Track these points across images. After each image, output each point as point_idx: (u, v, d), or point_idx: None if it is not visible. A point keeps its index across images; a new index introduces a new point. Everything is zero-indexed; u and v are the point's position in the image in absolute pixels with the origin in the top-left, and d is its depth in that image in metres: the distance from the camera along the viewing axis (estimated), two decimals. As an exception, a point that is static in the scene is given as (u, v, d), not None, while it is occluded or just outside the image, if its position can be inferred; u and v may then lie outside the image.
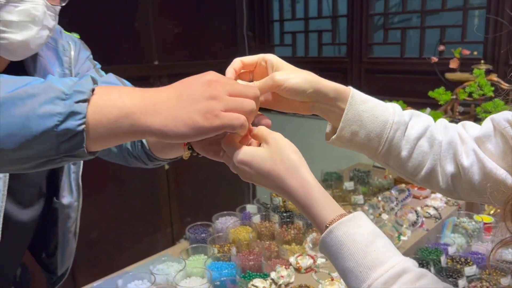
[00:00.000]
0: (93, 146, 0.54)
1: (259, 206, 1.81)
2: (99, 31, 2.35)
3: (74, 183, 1.12)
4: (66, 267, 1.24)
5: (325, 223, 0.56)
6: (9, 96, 0.50)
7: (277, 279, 1.22)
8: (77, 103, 0.51)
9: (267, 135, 0.63)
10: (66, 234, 1.16)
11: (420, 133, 0.71)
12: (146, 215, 2.71)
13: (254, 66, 0.73)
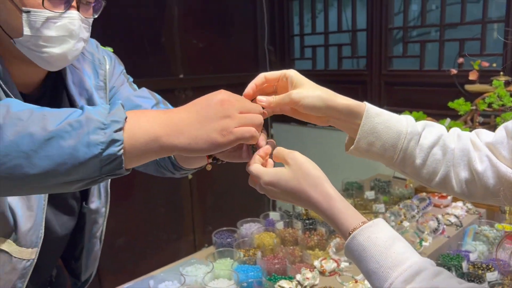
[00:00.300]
0: (129, 164, 0.63)
1: (281, 213, 1.86)
2: (128, 46, 2.46)
3: (103, 190, 1.16)
4: (90, 272, 1.27)
5: (348, 230, 0.62)
6: (57, 129, 0.59)
7: (303, 280, 1.26)
8: (116, 132, 0.60)
9: (286, 155, 0.70)
10: (92, 239, 1.20)
11: (433, 142, 0.76)
12: (170, 223, 2.79)
13: (276, 81, 0.80)
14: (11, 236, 0.89)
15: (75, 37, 0.88)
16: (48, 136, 0.59)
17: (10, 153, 0.58)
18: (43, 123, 0.59)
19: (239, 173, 3.48)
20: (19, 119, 0.60)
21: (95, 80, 1.07)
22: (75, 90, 1.02)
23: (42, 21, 0.82)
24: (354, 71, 2.87)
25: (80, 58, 1.04)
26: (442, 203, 1.78)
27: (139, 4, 2.48)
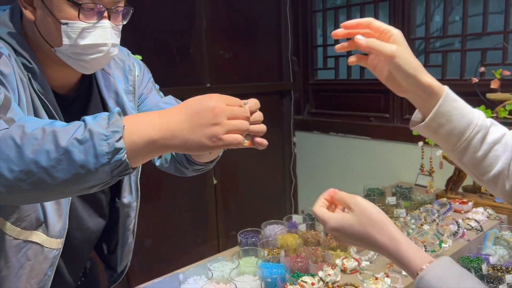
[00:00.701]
0: (134, 164, 0.74)
1: (304, 216, 1.92)
2: (159, 56, 2.59)
3: (134, 185, 1.26)
4: (125, 264, 1.37)
5: (416, 271, 0.66)
6: (67, 145, 0.69)
7: (325, 277, 1.32)
8: (117, 141, 0.70)
9: (348, 201, 0.75)
10: (125, 232, 1.29)
11: (497, 138, 0.81)
12: (195, 227, 2.87)
13: (380, 32, 0.84)
14: (41, 227, 0.99)
15: (108, 44, 0.97)
16: (61, 151, 0.69)
17: (32, 169, 0.69)
18: (55, 140, 0.69)
19: (262, 180, 3.59)
20: (35, 138, 0.70)
21: (125, 85, 1.18)
22: (107, 93, 1.13)
23: (79, 32, 0.93)
24: (376, 80, 2.92)
25: (112, 64, 1.15)
26: (463, 209, 1.81)
27: (170, 17, 2.61)
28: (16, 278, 1.00)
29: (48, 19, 0.92)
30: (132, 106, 1.18)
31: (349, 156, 3.02)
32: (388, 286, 1.25)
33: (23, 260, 1.00)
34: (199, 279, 1.40)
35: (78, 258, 1.23)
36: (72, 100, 1.08)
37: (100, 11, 0.94)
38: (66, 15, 0.91)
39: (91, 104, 1.12)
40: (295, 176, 3.41)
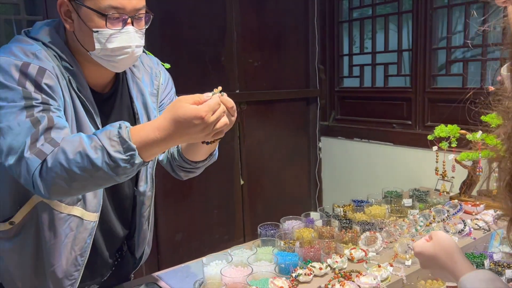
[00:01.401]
0: (148, 159, 1.02)
1: (321, 213, 2.05)
2: (193, 64, 2.81)
3: (149, 176, 1.43)
4: (141, 251, 1.54)
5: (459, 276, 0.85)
6: (102, 167, 0.97)
7: (332, 264, 1.45)
8: (136, 161, 0.99)
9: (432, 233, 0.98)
10: (140, 219, 1.46)
11: None
12: (222, 225, 3.05)
13: None
14: (80, 203, 1.21)
15: (132, 46, 1.18)
16: (97, 170, 0.98)
17: (80, 180, 1.00)
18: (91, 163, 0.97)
19: (288, 183, 3.75)
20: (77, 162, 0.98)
21: (150, 88, 1.39)
22: (135, 94, 1.35)
23: (107, 37, 1.14)
24: (399, 88, 3.02)
25: (141, 69, 1.37)
26: (474, 211, 1.89)
27: (204, 28, 2.82)
28: (63, 246, 1.21)
29: (83, 28, 1.13)
30: (154, 106, 1.39)
31: (372, 161, 3.11)
32: (389, 273, 1.37)
33: (67, 230, 1.20)
34: (220, 263, 1.56)
35: (113, 234, 1.42)
36: (106, 97, 1.29)
37: (124, 19, 1.14)
38: (96, 24, 1.12)
39: (122, 102, 1.33)
40: (320, 180, 3.54)
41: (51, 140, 1.00)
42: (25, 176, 1.00)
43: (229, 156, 3.03)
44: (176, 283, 1.62)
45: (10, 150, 1.01)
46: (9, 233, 1.21)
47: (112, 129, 0.99)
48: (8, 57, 1.06)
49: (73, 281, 1.26)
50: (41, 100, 1.05)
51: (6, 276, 1.26)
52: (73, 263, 1.24)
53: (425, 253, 0.94)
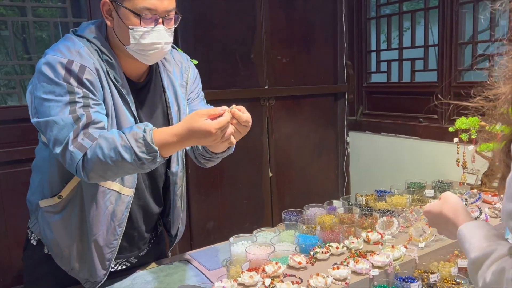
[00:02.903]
0: (167, 155, 1.23)
1: (344, 202, 2.15)
2: (224, 61, 2.96)
3: (180, 158, 1.60)
4: (176, 228, 1.71)
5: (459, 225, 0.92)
6: (131, 162, 1.19)
7: (349, 244, 1.56)
8: (158, 159, 1.21)
9: (442, 194, 1.06)
10: (174, 198, 1.62)
11: None
12: (252, 215, 3.19)
13: None
14: (118, 179, 1.40)
15: (161, 42, 1.36)
16: (127, 163, 1.19)
17: (113, 170, 1.22)
18: (122, 158, 1.18)
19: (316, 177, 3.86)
20: (111, 156, 1.19)
21: (180, 80, 1.56)
22: (166, 84, 1.53)
23: (141, 34, 1.32)
24: (426, 83, 3.06)
25: (172, 63, 1.56)
26: (493, 200, 1.94)
27: (234, 27, 2.97)
28: (103, 217, 1.39)
29: (121, 25, 1.32)
30: (183, 96, 1.56)
31: (399, 155, 3.17)
32: (402, 253, 1.46)
33: (108, 203, 1.38)
34: (245, 243, 1.70)
35: (147, 209, 1.59)
36: (141, 86, 1.47)
37: (156, 19, 1.32)
38: (132, 22, 1.30)
39: (155, 90, 1.51)
40: (347, 174, 3.61)
41: (89, 135, 1.21)
42: (69, 164, 1.22)
43: (257, 149, 3.17)
44: (206, 261, 1.77)
45: (56, 141, 1.23)
46: (58, 207, 1.40)
47: (138, 131, 1.19)
48: (55, 55, 1.26)
49: (113, 249, 1.44)
50: (82, 94, 1.24)
51: (54, 246, 1.45)
52: (112, 232, 1.41)
53: (432, 211, 1.01)
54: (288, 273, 1.39)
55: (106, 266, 1.45)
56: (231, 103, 1.32)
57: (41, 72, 1.24)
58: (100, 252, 1.42)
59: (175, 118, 1.51)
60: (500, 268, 0.76)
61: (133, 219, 1.51)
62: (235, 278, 1.33)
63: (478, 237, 0.84)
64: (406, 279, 1.37)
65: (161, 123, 1.50)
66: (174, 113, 1.51)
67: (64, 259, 1.45)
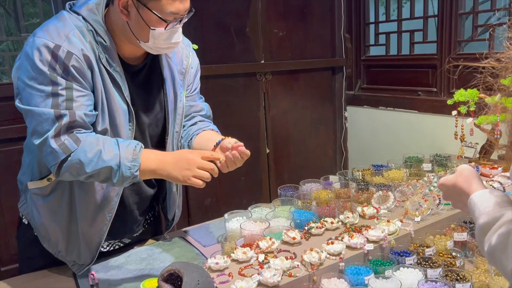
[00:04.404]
0: (141, 177, 1.25)
1: (340, 177, 2.13)
2: (218, 35, 2.89)
3: (175, 146, 1.57)
4: (172, 213, 1.69)
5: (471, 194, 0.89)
6: (111, 166, 1.21)
7: (344, 219, 1.54)
8: (135, 172, 1.23)
9: (457, 167, 1.03)
10: (170, 184, 1.60)
11: None
12: (250, 191, 3.18)
13: None
14: None
15: (179, 41, 1.35)
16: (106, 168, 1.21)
17: (91, 174, 1.23)
18: (104, 164, 1.20)
19: (314, 152, 3.83)
20: (92, 160, 1.21)
21: (179, 66, 1.52)
22: (166, 70, 1.48)
23: (161, 34, 1.29)
24: (425, 55, 3.00)
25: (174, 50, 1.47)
26: (491, 173, 1.92)
27: (229, 0, 2.89)
28: (93, 203, 1.37)
29: (141, 23, 1.27)
30: (180, 83, 1.52)
31: (397, 130, 3.14)
32: (398, 227, 1.45)
33: (98, 187, 1.36)
34: (240, 219, 1.68)
35: (141, 193, 1.57)
36: (138, 69, 1.42)
37: (177, 19, 1.28)
38: (155, 24, 1.26)
39: (152, 75, 1.46)
40: (345, 149, 3.59)
41: (75, 138, 1.21)
42: (46, 159, 1.23)
43: (254, 126, 3.13)
44: (202, 238, 1.76)
45: (35, 132, 1.22)
46: (46, 190, 1.37)
47: (132, 143, 1.25)
48: (43, 37, 1.20)
49: (102, 234, 1.42)
50: (65, 86, 1.20)
51: (41, 229, 1.43)
52: (102, 219, 1.39)
53: (446, 183, 0.98)
54: (282, 249, 1.38)
55: (95, 250, 1.43)
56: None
57: (27, 54, 1.20)
58: (89, 237, 1.41)
59: (171, 106, 1.48)
60: (507, 230, 0.74)
61: (125, 203, 1.49)
62: (229, 254, 1.32)
63: (488, 203, 0.82)
64: (401, 253, 1.36)
65: (156, 110, 1.47)
66: (170, 101, 1.47)
67: (51, 242, 1.43)
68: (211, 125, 1.66)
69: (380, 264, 1.32)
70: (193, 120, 1.63)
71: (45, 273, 1.48)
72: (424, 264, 1.29)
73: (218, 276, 1.23)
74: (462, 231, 1.47)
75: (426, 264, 1.29)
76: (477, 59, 2.55)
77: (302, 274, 1.21)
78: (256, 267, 1.26)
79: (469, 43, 2.78)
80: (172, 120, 1.49)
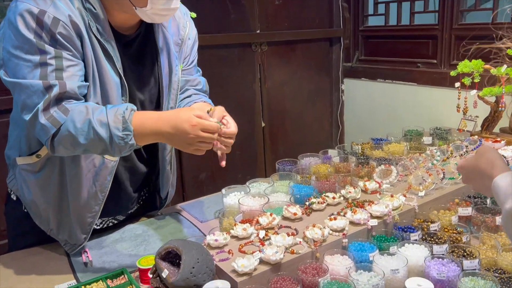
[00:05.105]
0: (140, 143, 1.17)
1: (339, 151, 2.08)
2: (212, 4, 2.77)
3: None
4: (166, 191, 1.64)
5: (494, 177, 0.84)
6: (104, 138, 1.11)
7: (346, 194, 1.50)
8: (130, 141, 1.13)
9: (478, 149, 0.99)
10: (163, 163, 1.55)
11: None
12: (245, 165, 3.13)
13: None
14: None
15: (176, 7, 1.24)
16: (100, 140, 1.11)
17: (82, 148, 1.14)
18: (97, 134, 1.10)
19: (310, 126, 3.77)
20: (83, 130, 1.11)
21: (175, 37, 1.42)
22: (160, 40, 1.38)
23: None
24: (425, 25, 2.91)
25: (170, 19, 1.37)
26: (494, 146, 1.87)
27: (222, -35, 2.76)
28: (85, 179, 1.30)
29: None
30: (176, 55, 1.42)
31: (396, 103, 3.08)
32: (402, 202, 1.41)
33: (90, 165, 1.29)
34: (238, 194, 1.63)
35: (135, 171, 1.50)
36: (130, 39, 1.32)
37: None
38: None
39: (146, 45, 1.36)
40: (342, 123, 3.53)
41: (64, 109, 1.10)
42: (39, 135, 1.15)
43: (249, 98, 3.05)
44: (198, 213, 1.71)
45: (24, 106, 1.12)
46: (35, 166, 1.30)
47: (120, 108, 1.12)
48: (26, 1, 1.09)
49: (94, 213, 1.36)
50: (54, 54, 1.10)
51: (32, 206, 1.37)
52: (94, 197, 1.33)
53: (467, 165, 0.93)
54: (283, 225, 1.33)
55: (87, 230, 1.38)
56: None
57: (10, 21, 1.10)
58: (80, 216, 1.35)
59: (165, 80, 1.39)
60: None
61: (119, 180, 1.43)
62: (228, 231, 1.27)
63: None
64: (406, 229, 1.32)
65: (150, 84, 1.38)
66: (165, 75, 1.39)
67: (43, 219, 1.37)
68: (204, 98, 1.58)
69: (384, 240, 1.28)
70: (186, 93, 1.55)
71: (36, 250, 1.43)
72: (430, 240, 1.25)
73: (218, 253, 1.18)
74: (467, 205, 1.43)
75: (431, 240, 1.25)
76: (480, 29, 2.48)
77: (304, 251, 1.17)
78: (257, 244, 1.21)
79: (471, 13, 2.69)
80: (166, 95, 1.41)
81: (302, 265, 1.14)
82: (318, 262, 1.15)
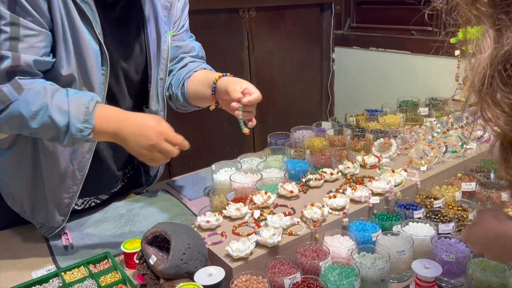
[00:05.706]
0: (97, 139, 1.08)
1: (333, 123, 1.99)
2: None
3: (161, 96, 1.37)
4: (156, 170, 1.54)
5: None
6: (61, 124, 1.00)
7: (344, 169, 1.41)
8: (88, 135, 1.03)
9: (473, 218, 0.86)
10: None
11: None
12: (233, 139, 3.02)
13: None
14: None
15: None
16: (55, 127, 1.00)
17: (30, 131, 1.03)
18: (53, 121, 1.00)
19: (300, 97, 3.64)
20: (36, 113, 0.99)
21: (165, 12, 1.25)
22: (147, 5, 1.23)
23: None
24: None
25: None
26: (494, 118, 1.80)
27: None
28: (61, 158, 1.17)
29: None
30: (164, 20, 1.27)
31: (389, 72, 2.98)
32: (403, 178, 1.33)
33: None
34: (229, 170, 1.53)
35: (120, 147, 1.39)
36: (114, 1, 1.17)
37: None
38: None
39: (130, 8, 1.22)
40: (332, 93, 3.43)
41: (17, 86, 0.98)
42: None
43: (237, 68, 2.92)
44: (186, 190, 1.62)
45: None
46: (5, 143, 1.18)
47: (84, 97, 1.03)
48: None
49: (72, 194, 1.24)
50: (9, 20, 0.96)
51: (3, 186, 1.25)
52: (71, 177, 1.21)
53: (473, 233, 0.82)
54: (278, 203, 1.24)
55: (65, 212, 1.26)
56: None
57: None
58: (57, 197, 1.23)
59: (153, 48, 1.26)
60: None
61: (101, 158, 1.31)
62: (220, 211, 1.18)
63: None
64: (408, 206, 1.24)
65: (136, 53, 1.25)
66: (152, 42, 1.25)
67: (16, 201, 1.26)
68: (203, 64, 1.45)
69: (386, 218, 1.21)
70: (183, 62, 1.42)
71: (10, 232, 1.32)
72: (434, 218, 1.18)
73: (210, 236, 1.09)
74: (470, 180, 1.36)
75: (436, 218, 1.18)
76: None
77: (303, 232, 1.08)
78: (252, 224, 1.12)
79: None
80: (155, 65, 1.28)
81: (301, 247, 1.06)
82: (318, 244, 1.07)
